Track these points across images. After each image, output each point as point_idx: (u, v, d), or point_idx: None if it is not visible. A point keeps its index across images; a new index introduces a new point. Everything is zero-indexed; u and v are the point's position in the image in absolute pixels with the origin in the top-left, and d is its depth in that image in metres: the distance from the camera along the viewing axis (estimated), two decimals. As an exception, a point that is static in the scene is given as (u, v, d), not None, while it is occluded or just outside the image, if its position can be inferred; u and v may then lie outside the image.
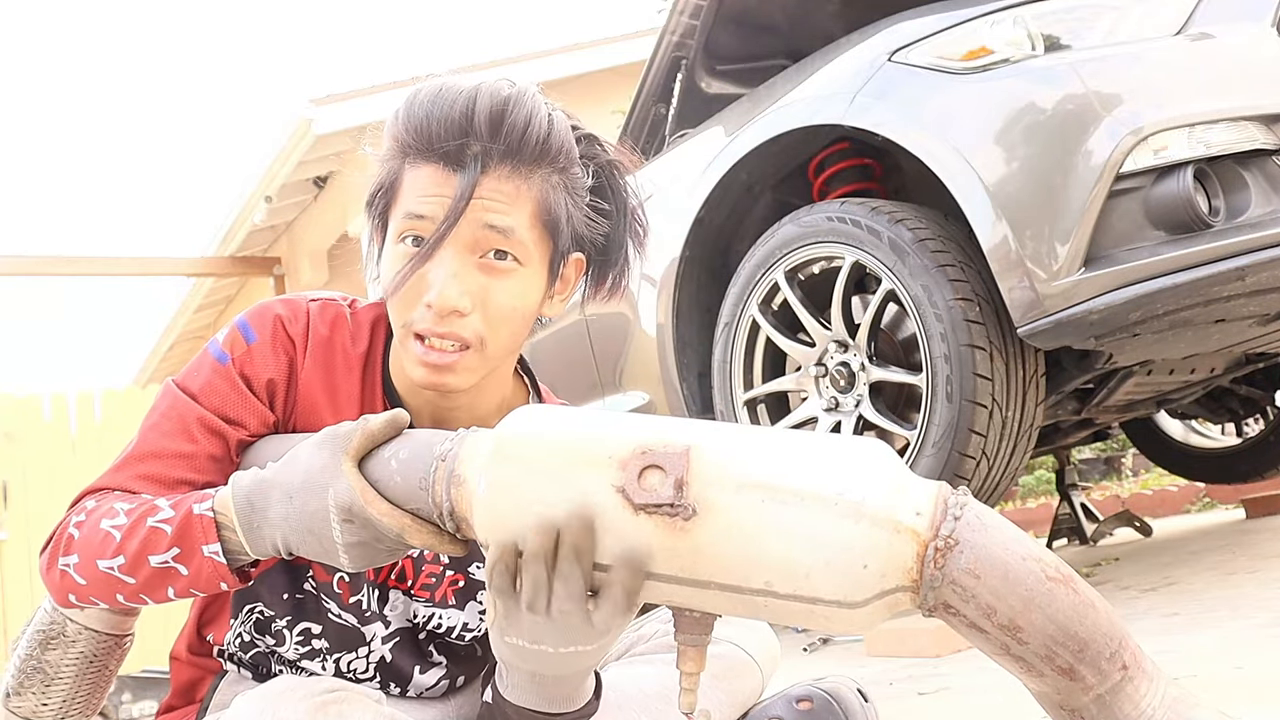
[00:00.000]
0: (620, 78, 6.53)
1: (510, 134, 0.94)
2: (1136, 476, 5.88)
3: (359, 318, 1.06)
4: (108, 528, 0.91)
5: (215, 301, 9.57)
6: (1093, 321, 1.94)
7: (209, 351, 1.01)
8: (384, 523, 0.82)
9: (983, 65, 2.10)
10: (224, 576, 0.89)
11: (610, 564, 0.72)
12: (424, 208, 0.94)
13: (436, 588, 1.06)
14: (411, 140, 0.95)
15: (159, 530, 0.89)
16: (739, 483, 0.71)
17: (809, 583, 0.70)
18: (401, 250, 0.95)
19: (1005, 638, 0.71)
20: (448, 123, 0.93)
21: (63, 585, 0.93)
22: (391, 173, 0.98)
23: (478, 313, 0.95)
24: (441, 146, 0.93)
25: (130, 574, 0.90)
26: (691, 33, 3.15)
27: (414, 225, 0.94)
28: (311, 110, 6.69)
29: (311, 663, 1.05)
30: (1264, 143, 1.93)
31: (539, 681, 0.87)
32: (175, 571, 0.89)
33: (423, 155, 0.95)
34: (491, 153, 0.94)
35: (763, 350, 2.51)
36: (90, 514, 0.93)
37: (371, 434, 0.85)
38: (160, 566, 0.89)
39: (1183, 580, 2.38)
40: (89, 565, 0.91)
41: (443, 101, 0.94)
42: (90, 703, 1.09)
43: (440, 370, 0.95)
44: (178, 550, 0.88)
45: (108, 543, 0.90)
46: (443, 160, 0.94)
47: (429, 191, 0.94)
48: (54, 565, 0.93)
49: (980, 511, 0.72)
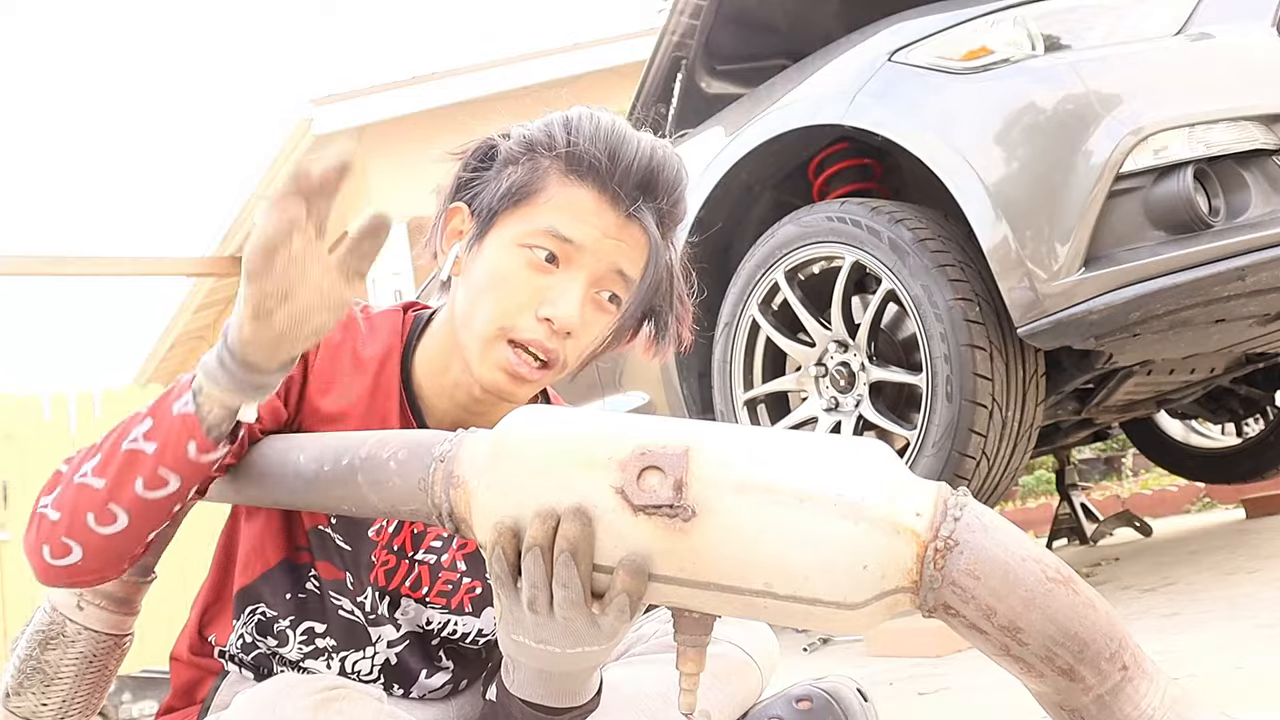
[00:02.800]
0: (620, 78, 6.54)
1: (675, 207, 1.01)
2: (1136, 476, 5.88)
3: (373, 322, 1.07)
4: (96, 441, 0.88)
5: (215, 301, 9.57)
6: (1093, 321, 1.94)
7: None
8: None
9: (983, 65, 2.10)
10: (192, 431, 0.82)
11: (611, 566, 0.72)
12: (574, 232, 0.96)
13: (453, 595, 1.06)
14: (581, 160, 0.97)
15: (140, 413, 0.86)
16: (738, 484, 0.71)
17: (808, 584, 0.70)
18: (525, 258, 0.97)
19: (1005, 639, 0.71)
20: (636, 165, 0.97)
21: (38, 536, 0.87)
22: (535, 176, 0.99)
23: (574, 339, 0.99)
24: (619, 182, 0.96)
25: (100, 472, 0.84)
26: (691, 33, 3.15)
27: (553, 244, 0.96)
28: (311, 110, 6.69)
29: (315, 662, 1.05)
30: (1264, 143, 1.93)
31: (546, 677, 0.87)
32: (141, 454, 0.83)
33: (586, 178, 0.97)
34: (657, 211, 0.99)
35: (763, 350, 2.51)
36: (82, 448, 0.90)
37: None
38: (130, 449, 0.84)
39: (1183, 580, 2.38)
40: (65, 486, 0.86)
41: (630, 142, 0.98)
42: (90, 703, 1.09)
43: (518, 381, 0.98)
44: (150, 423, 0.84)
45: (91, 450, 0.87)
46: (609, 194, 0.97)
47: (584, 217, 0.96)
48: (33, 516, 0.88)
49: (980, 512, 0.72)
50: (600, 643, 0.77)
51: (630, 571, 0.71)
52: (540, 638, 0.77)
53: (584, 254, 0.97)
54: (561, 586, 0.72)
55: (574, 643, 0.77)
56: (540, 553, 0.72)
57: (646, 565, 0.72)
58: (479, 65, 7.23)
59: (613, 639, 0.77)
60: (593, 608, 0.74)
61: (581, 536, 0.71)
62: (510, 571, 0.74)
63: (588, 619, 0.74)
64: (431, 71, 7.18)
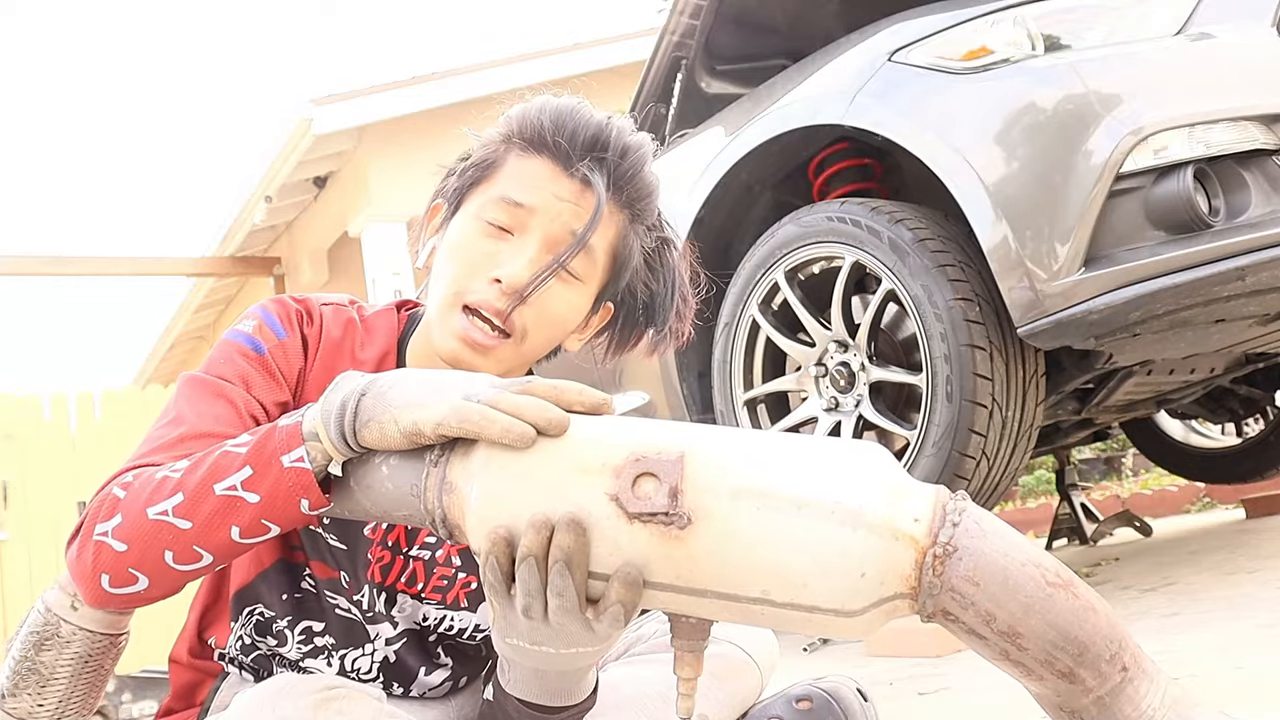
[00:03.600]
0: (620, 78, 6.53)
1: (630, 169, 1.00)
2: (1136, 476, 5.87)
3: (369, 323, 1.07)
4: (168, 473, 0.84)
5: (215, 301, 9.57)
6: (1093, 321, 1.94)
7: (238, 344, 0.99)
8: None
9: (983, 65, 2.09)
10: (307, 489, 0.80)
11: (606, 574, 0.72)
12: (525, 196, 0.97)
13: (449, 590, 1.06)
14: (532, 134, 0.99)
15: (231, 454, 0.82)
16: (735, 490, 0.70)
17: (806, 591, 0.69)
18: (479, 227, 0.99)
19: (1005, 644, 0.70)
20: (583, 131, 0.98)
21: (96, 564, 0.83)
22: (493, 154, 1.01)
23: (533, 308, 0.98)
24: (567, 147, 0.97)
25: (187, 515, 0.81)
26: (691, 33, 3.15)
27: (506, 210, 0.98)
28: (311, 110, 6.69)
29: (315, 661, 1.05)
30: (1264, 143, 1.93)
31: (541, 676, 0.87)
32: (241, 501, 0.80)
33: (539, 149, 0.98)
34: (610, 176, 0.98)
35: (763, 350, 2.51)
36: (140, 475, 0.86)
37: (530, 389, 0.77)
38: (226, 495, 0.81)
39: (1183, 580, 2.38)
40: (136, 518, 0.82)
41: (578, 113, 0.99)
42: (86, 702, 1.08)
43: (475, 349, 0.97)
44: (250, 471, 0.81)
45: (165, 484, 0.83)
46: (561, 160, 0.98)
47: (535, 183, 0.98)
48: (87, 542, 0.84)
49: (979, 517, 0.72)
50: (595, 644, 0.77)
51: (625, 583, 0.71)
52: (535, 640, 0.77)
53: (536, 217, 0.98)
54: (556, 595, 0.72)
55: (568, 645, 0.77)
56: (535, 562, 0.71)
57: (642, 575, 0.71)
58: (479, 65, 7.22)
59: (607, 641, 0.77)
60: (587, 613, 0.73)
61: (576, 547, 0.70)
62: (504, 579, 0.73)
63: (583, 624, 0.73)
64: (431, 71, 7.18)
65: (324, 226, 7.84)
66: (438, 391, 0.79)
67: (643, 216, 1.05)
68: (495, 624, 0.78)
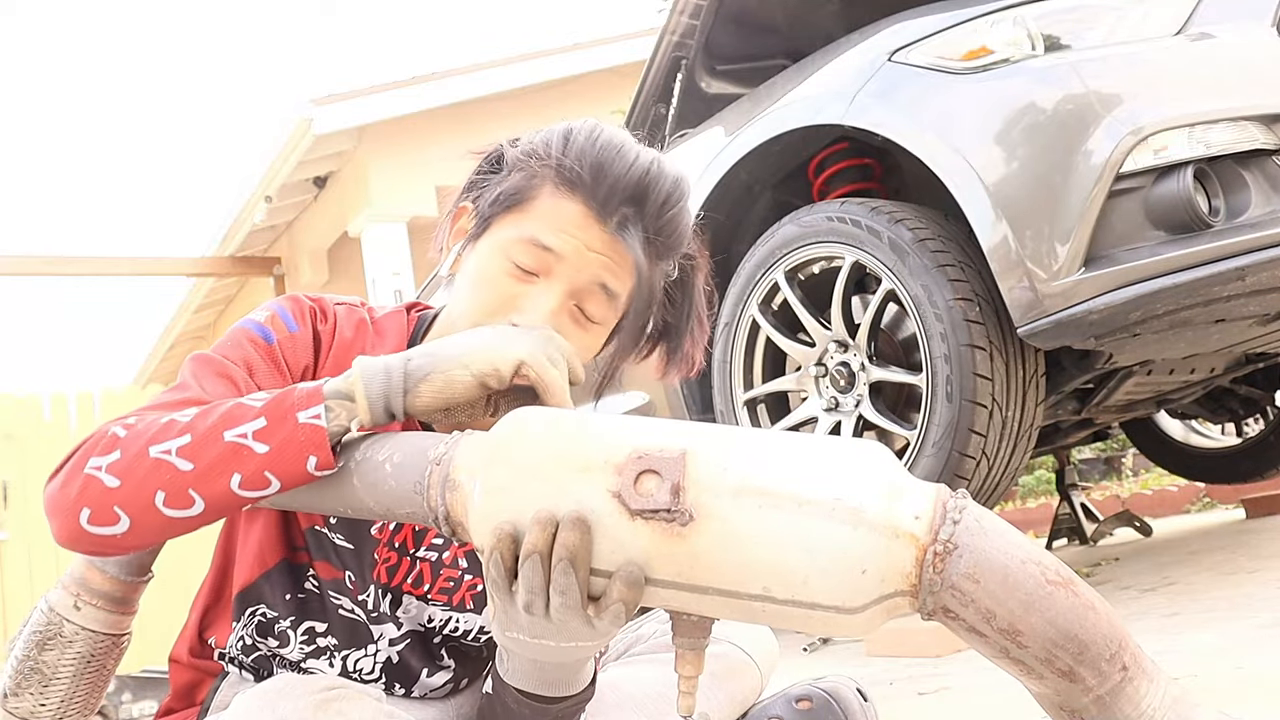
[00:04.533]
0: (620, 78, 6.53)
1: (666, 225, 0.98)
2: (1136, 476, 5.87)
3: (380, 325, 1.07)
4: (175, 417, 0.83)
5: (215, 301, 9.57)
6: (1093, 321, 1.94)
7: (249, 330, 0.99)
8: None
9: (983, 65, 2.10)
10: (318, 446, 0.80)
11: (608, 571, 0.72)
12: (555, 242, 0.95)
13: (454, 592, 1.06)
14: (577, 172, 0.96)
15: (245, 406, 0.83)
16: (736, 488, 0.71)
17: (807, 588, 0.70)
18: (507, 264, 0.97)
19: (1005, 641, 0.70)
20: (625, 180, 0.95)
21: (81, 497, 0.81)
22: (531, 184, 0.98)
23: None
24: (605, 196, 0.95)
25: (191, 457, 0.80)
26: (691, 33, 3.15)
27: (533, 254, 0.96)
28: (311, 110, 6.69)
29: (317, 662, 1.05)
30: (1264, 143, 1.93)
31: (539, 667, 0.88)
32: (248, 450, 0.80)
33: (575, 189, 0.96)
34: (646, 229, 0.97)
35: (763, 350, 2.51)
36: (143, 418, 0.85)
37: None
38: (235, 442, 0.80)
39: (1183, 580, 2.38)
40: (137, 455, 0.81)
41: (624, 156, 0.96)
42: (88, 702, 1.09)
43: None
44: (264, 422, 0.81)
45: (172, 426, 0.82)
46: (597, 208, 0.95)
47: (568, 229, 0.96)
48: (76, 475, 0.82)
49: (979, 515, 0.72)
50: (594, 640, 0.78)
51: (628, 583, 0.71)
52: (535, 635, 0.77)
53: (564, 264, 0.96)
54: (559, 593, 0.72)
55: (568, 639, 0.77)
56: (539, 559, 0.72)
57: (643, 574, 0.71)
58: (479, 65, 7.22)
59: (607, 637, 0.78)
60: (589, 610, 0.73)
61: (580, 544, 0.71)
62: (507, 576, 0.74)
63: (583, 620, 0.74)
64: (431, 71, 7.18)
65: (324, 226, 7.84)
66: (501, 337, 0.84)
67: (672, 256, 1.03)
68: (496, 618, 0.78)
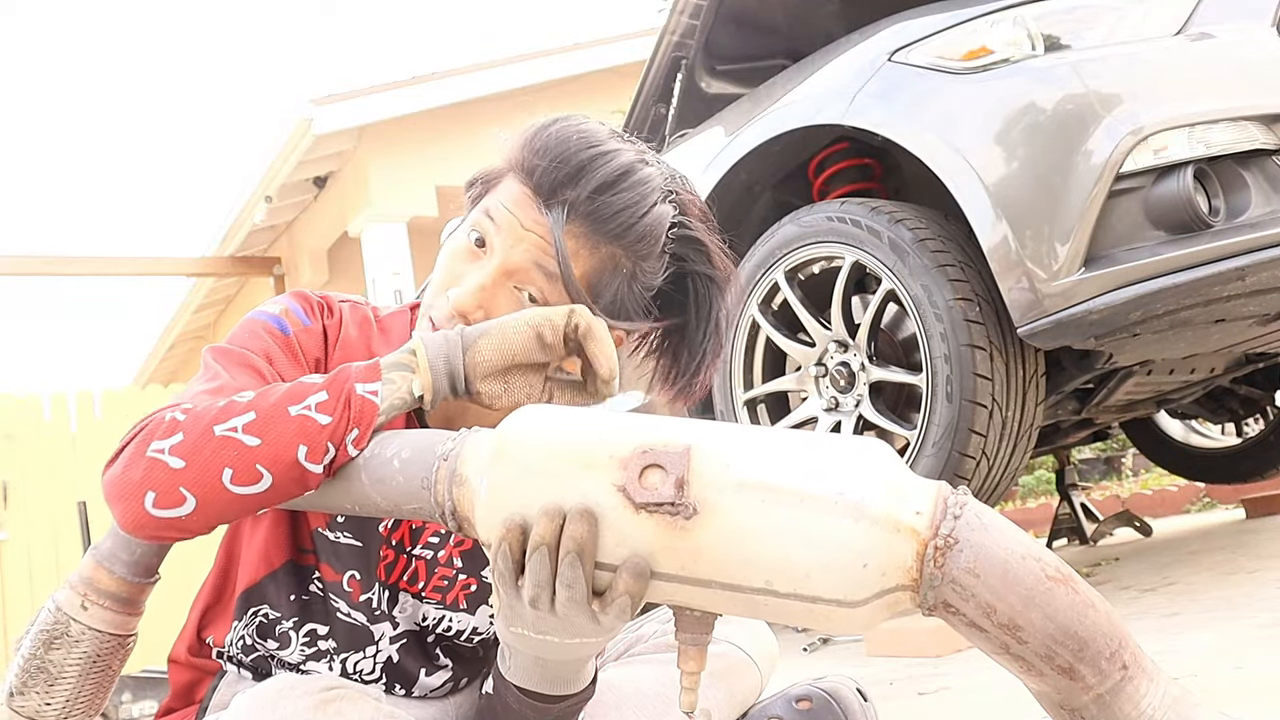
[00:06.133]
0: (620, 78, 6.53)
1: (605, 206, 0.97)
2: (1136, 476, 5.88)
3: (385, 324, 1.09)
4: (234, 399, 0.86)
5: (215, 301, 9.57)
6: (1093, 321, 1.94)
7: (265, 322, 1.01)
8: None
9: (983, 65, 2.10)
10: (368, 423, 0.85)
11: (613, 564, 0.73)
12: (497, 214, 0.99)
13: (448, 591, 1.06)
14: (524, 159, 0.99)
15: (306, 384, 0.87)
16: (739, 482, 0.71)
17: (809, 582, 0.70)
18: (464, 243, 1.00)
19: (1005, 637, 0.71)
20: (563, 165, 0.97)
21: (146, 480, 0.82)
22: (498, 172, 1.03)
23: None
24: (541, 177, 0.97)
25: (258, 432, 0.83)
26: (691, 33, 3.16)
27: (482, 224, 0.99)
28: (311, 110, 6.70)
29: (317, 664, 1.05)
30: (1264, 143, 1.93)
31: (542, 664, 0.88)
32: (313, 422, 0.83)
33: (526, 175, 0.98)
34: (579, 209, 0.97)
35: (763, 350, 2.51)
36: (199, 400, 0.87)
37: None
38: (300, 415, 0.84)
39: (1183, 580, 2.38)
40: (202, 435, 0.83)
41: (574, 145, 0.97)
42: (94, 703, 1.09)
43: None
44: (325, 395, 0.85)
45: (234, 406, 0.85)
46: (537, 189, 0.98)
47: (510, 205, 0.98)
48: (138, 459, 0.83)
49: (980, 510, 0.72)
50: (598, 635, 0.78)
51: (633, 575, 0.72)
52: (540, 630, 0.78)
53: (501, 239, 0.98)
54: (565, 587, 0.73)
55: (573, 635, 0.78)
56: (547, 552, 0.72)
57: (649, 567, 0.72)
58: (479, 65, 7.22)
59: (610, 633, 0.78)
60: (593, 605, 0.74)
61: (588, 537, 0.71)
62: (514, 569, 0.74)
63: (589, 615, 0.74)
64: (431, 71, 7.18)
65: (324, 226, 7.85)
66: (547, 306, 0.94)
67: (637, 252, 1.00)
68: (500, 613, 0.79)
